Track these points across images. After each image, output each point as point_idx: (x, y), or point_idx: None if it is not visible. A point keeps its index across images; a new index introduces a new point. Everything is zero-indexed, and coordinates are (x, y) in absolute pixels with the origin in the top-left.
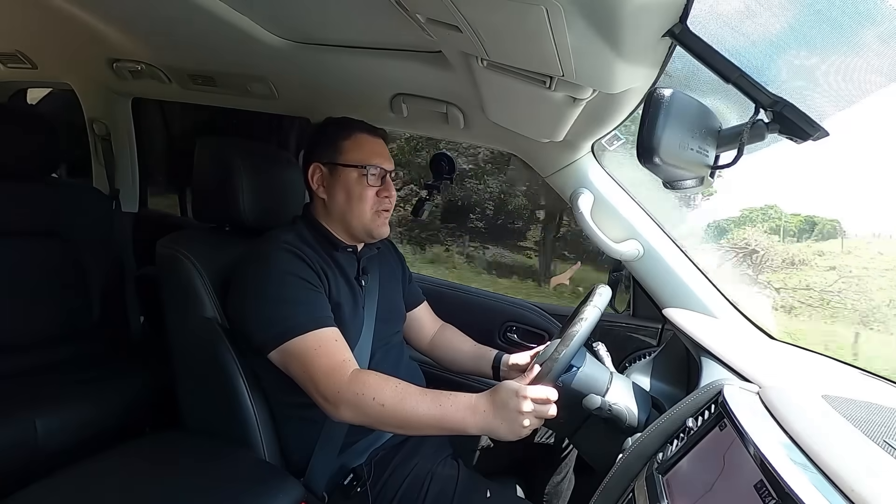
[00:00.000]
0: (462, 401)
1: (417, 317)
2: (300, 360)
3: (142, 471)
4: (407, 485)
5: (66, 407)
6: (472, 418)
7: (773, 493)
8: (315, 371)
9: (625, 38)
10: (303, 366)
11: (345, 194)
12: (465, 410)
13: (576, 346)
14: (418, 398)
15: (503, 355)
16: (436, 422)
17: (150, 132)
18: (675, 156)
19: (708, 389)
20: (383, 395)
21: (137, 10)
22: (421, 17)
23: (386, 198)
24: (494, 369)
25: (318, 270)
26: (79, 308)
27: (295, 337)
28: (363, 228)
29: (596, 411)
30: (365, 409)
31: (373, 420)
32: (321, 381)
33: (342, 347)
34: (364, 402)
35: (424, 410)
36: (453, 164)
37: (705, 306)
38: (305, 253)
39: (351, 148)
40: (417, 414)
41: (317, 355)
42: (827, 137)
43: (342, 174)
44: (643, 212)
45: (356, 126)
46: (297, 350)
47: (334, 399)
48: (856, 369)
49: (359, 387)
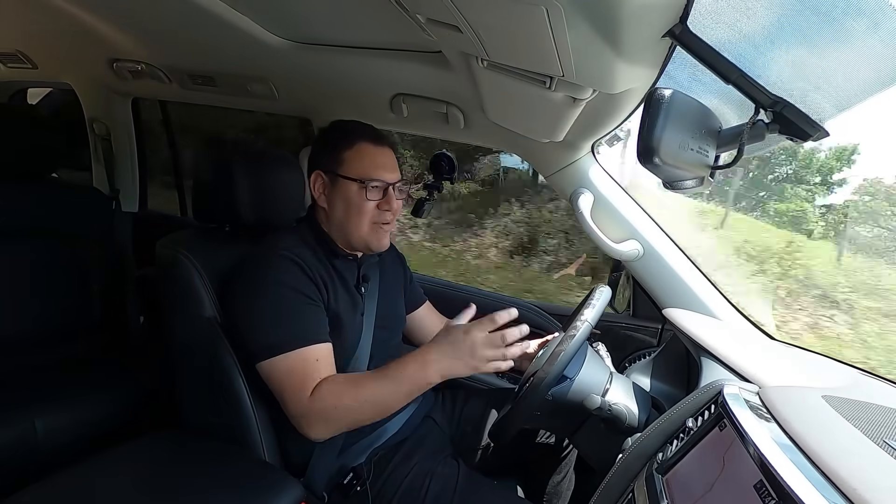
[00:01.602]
0: (409, 362)
1: (420, 317)
2: (274, 378)
3: (141, 471)
4: (407, 484)
5: (65, 407)
6: (427, 370)
7: (772, 493)
8: (285, 393)
9: (625, 38)
10: (276, 384)
11: (344, 206)
12: (417, 368)
13: (561, 365)
14: (373, 383)
15: None
16: (400, 393)
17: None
18: (674, 156)
19: (708, 389)
20: (341, 398)
21: (137, 10)
22: (421, 17)
23: (387, 211)
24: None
25: (316, 280)
26: (79, 308)
27: (276, 355)
28: (361, 241)
29: (596, 411)
30: (329, 419)
31: (345, 425)
32: (289, 402)
33: (321, 367)
34: (326, 413)
35: (384, 390)
36: (453, 164)
37: (705, 306)
38: (305, 260)
39: (352, 158)
40: (381, 396)
41: (289, 377)
42: (827, 137)
43: (342, 186)
44: (643, 212)
45: (360, 134)
46: (274, 368)
47: (300, 418)
48: (856, 369)
49: (318, 402)
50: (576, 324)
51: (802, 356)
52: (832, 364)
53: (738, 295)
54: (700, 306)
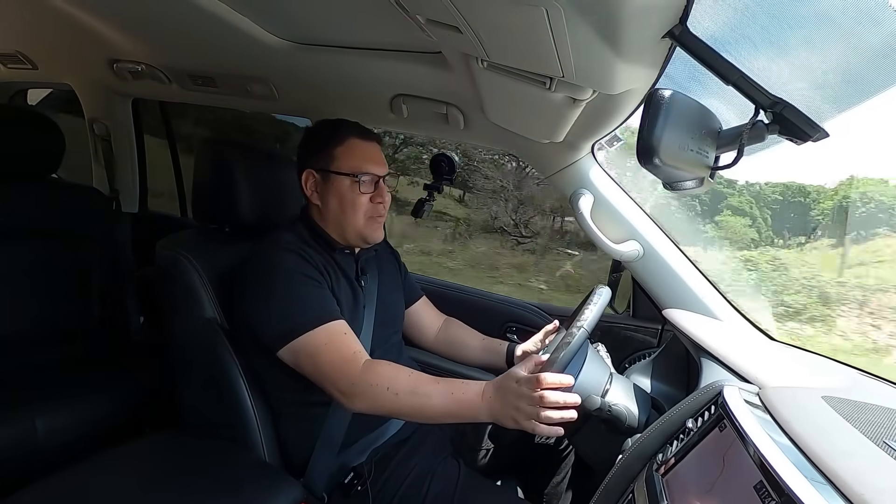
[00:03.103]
0: (473, 388)
1: (418, 311)
2: (311, 356)
3: (141, 471)
4: (407, 484)
5: (66, 407)
6: (481, 405)
7: (772, 493)
8: (327, 366)
9: (625, 39)
10: (314, 361)
11: (338, 201)
12: (476, 396)
13: (566, 358)
14: (431, 387)
15: (515, 346)
16: (448, 409)
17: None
18: (674, 157)
19: (708, 390)
20: (397, 384)
21: (137, 10)
22: (421, 17)
23: (380, 203)
24: (509, 363)
25: (320, 268)
26: (79, 308)
27: (304, 333)
28: (357, 234)
29: (596, 412)
30: (379, 400)
31: (387, 410)
32: (334, 375)
33: (351, 340)
34: (378, 393)
35: (438, 398)
36: (453, 164)
37: (705, 307)
38: (307, 252)
39: (343, 154)
40: (431, 402)
41: (327, 350)
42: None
43: (335, 181)
44: (643, 212)
45: (348, 130)
46: (307, 346)
47: (349, 391)
48: (856, 369)
49: (372, 377)
50: (578, 321)
51: (802, 357)
52: (832, 365)
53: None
54: (700, 307)
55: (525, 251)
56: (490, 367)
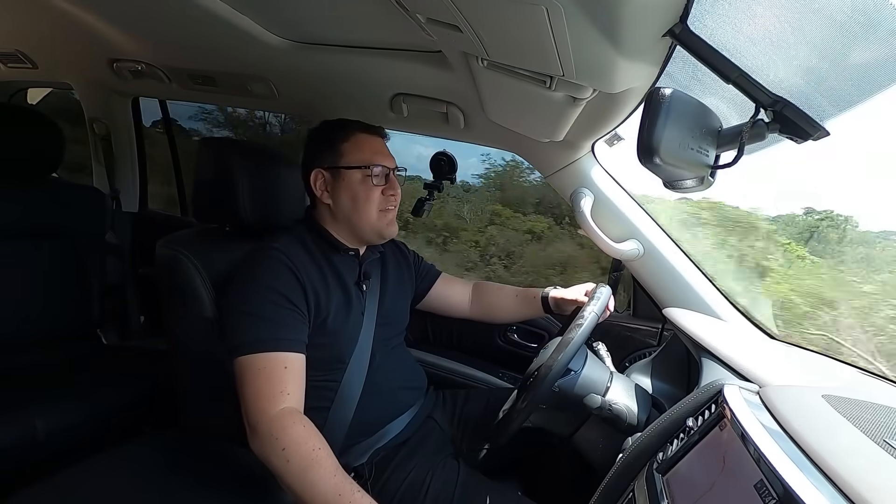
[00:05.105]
0: (363, 503)
1: (441, 288)
2: (240, 377)
3: (141, 471)
4: (408, 484)
5: (66, 407)
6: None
7: (773, 492)
8: (248, 392)
9: (625, 37)
10: (241, 383)
11: (350, 197)
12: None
13: (570, 353)
14: (325, 475)
15: (549, 293)
16: (324, 499)
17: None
18: (675, 156)
19: (708, 389)
20: (296, 452)
21: (137, 10)
22: (421, 17)
23: (392, 195)
24: (546, 309)
25: (304, 282)
26: (79, 308)
27: (244, 354)
28: (372, 230)
29: (596, 411)
30: (271, 456)
31: (274, 469)
32: (248, 405)
33: (290, 379)
34: (273, 448)
35: (323, 491)
36: (454, 163)
37: (706, 306)
38: (295, 261)
39: (351, 149)
40: (315, 490)
41: (255, 378)
42: (827, 137)
43: (345, 177)
44: (643, 211)
45: (353, 126)
46: (241, 366)
47: (253, 427)
48: (856, 369)
49: (278, 430)
50: (578, 320)
51: (803, 355)
52: (832, 363)
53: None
54: (700, 306)
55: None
56: (530, 316)
